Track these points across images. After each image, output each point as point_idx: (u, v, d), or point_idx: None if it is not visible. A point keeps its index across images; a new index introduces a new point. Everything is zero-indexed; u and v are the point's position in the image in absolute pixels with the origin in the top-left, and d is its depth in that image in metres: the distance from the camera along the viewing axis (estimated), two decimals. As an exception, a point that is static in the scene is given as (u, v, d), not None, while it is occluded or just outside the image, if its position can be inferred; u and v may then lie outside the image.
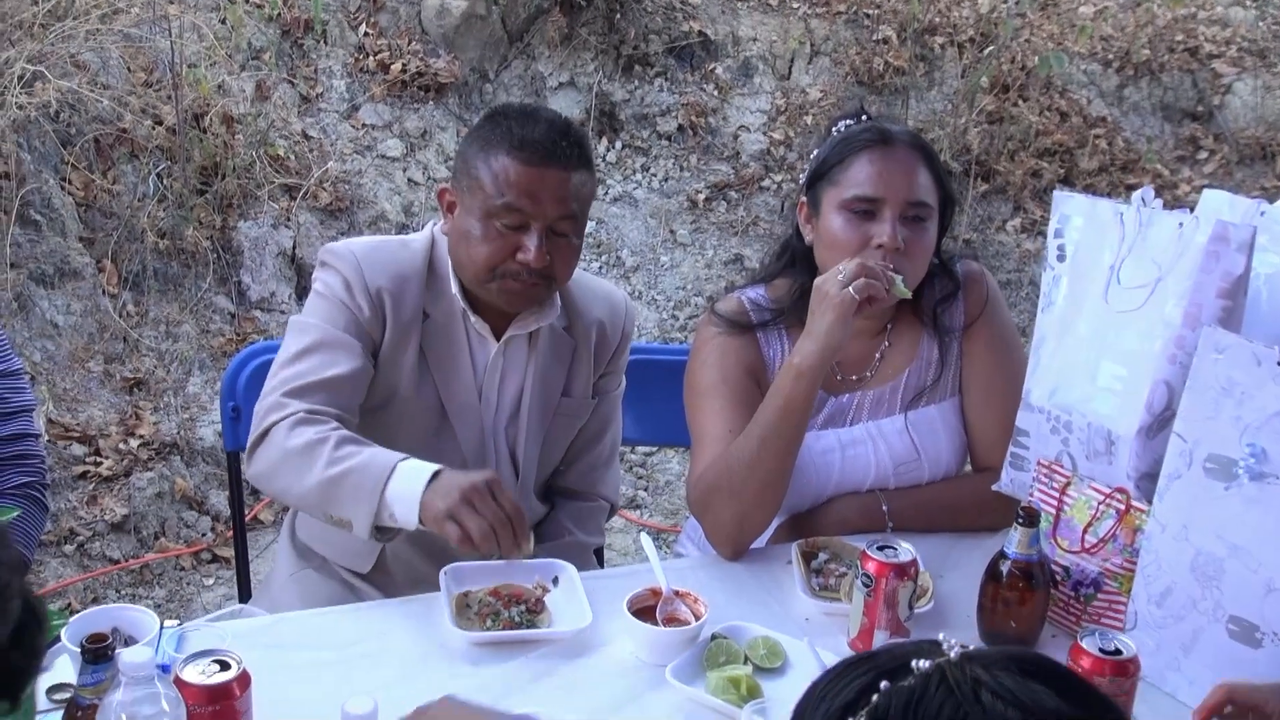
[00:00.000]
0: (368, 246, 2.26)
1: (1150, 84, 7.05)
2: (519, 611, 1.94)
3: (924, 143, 2.27)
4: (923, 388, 2.33)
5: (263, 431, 2.10)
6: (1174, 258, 1.88)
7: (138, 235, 4.90)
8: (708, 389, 2.28)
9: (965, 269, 2.38)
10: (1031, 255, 6.27)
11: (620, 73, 6.50)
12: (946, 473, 2.34)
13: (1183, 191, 6.49)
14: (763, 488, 2.13)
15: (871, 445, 2.30)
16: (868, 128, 2.24)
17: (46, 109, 4.81)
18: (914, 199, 2.18)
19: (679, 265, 5.98)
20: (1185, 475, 1.80)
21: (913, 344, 2.35)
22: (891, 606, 1.87)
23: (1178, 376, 1.86)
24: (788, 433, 2.11)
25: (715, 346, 2.31)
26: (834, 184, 2.22)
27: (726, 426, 2.21)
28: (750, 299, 2.37)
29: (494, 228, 2.12)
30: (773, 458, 2.11)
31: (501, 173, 2.11)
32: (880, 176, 2.17)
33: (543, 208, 2.11)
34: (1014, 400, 2.16)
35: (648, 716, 1.75)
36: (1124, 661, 1.67)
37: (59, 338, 4.54)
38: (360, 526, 1.97)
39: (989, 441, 2.30)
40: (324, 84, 5.98)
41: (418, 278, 2.24)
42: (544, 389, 2.33)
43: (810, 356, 2.07)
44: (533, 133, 2.12)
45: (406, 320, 2.22)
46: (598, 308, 2.40)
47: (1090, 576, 1.99)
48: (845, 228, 2.18)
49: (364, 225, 5.51)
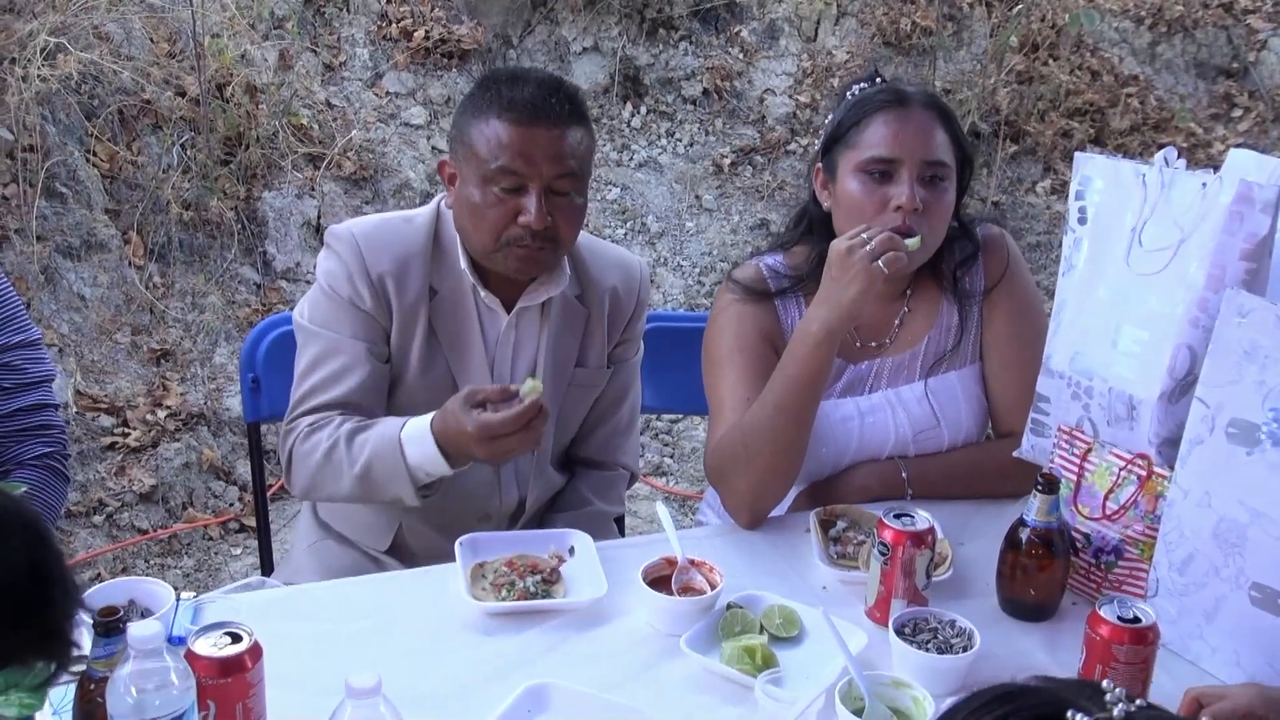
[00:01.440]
0: (370, 227, 2.25)
1: (1184, 41, 6.94)
2: (534, 582, 1.94)
3: (940, 102, 2.24)
4: (943, 353, 2.31)
5: (287, 457, 2.20)
6: (1197, 219, 1.84)
7: (162, 207, 4.91)
8: (725, 357, 2.27)
9: (985, 232, 2.35)
10: (1062, 217, 6.18)
11: (644, 36, 6.45)
12: (966, 439, 2.31)
13: (1216, 150, 6.39)
14: (779, 456, 2.11)
15: (891, 412, 2.28)
16: (883, 89, 2.22)
17: (69, 81, 4.82)
18: (931, 158, 2.15)
19: (704, 231, 5.95)
20: (1208, 441, 1.77)
21: (933, 309, 2.33)
22: (909, 575, 1.86)
23: (1200, 340, 1.83)
24: (803, 401, 2.09)
25: (733, 314, 2.29)
26: (850, 147, 2.20)
27: (743, 394, 2.19)
28: (769, 266, 2.35)
29: (492, 193, 2.10)
30: (788, 426, 2.09)
31: (494, 137, 2.09)
32: (896, 137, 2.15)
33: (538, 167, 2.09)
34: (1035, 365, 2.13)
35: (662, 686, 1.74)
36: (1143, 629, 1.64)
37: (86, 310, 4.56)
38: (409, 499, 2.09)
39: (1009, 407, 2.28)
40: (347, 52, 5.97)
41: (422, 256, 2.23)
42: (557, 360, 2.31)
43: (828, 324, 2.04)
44: (521, 93, 2.10)
45: (411, 301, 2.21)
46: (611, 274, 2.38)
47: (1111, 543, 1.96)
48: (863, 190, 2.16)
49: (388, 194, 5.50)
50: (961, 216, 2.31)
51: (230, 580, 3.83)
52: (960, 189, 2.26)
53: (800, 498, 2.30)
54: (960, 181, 2.25)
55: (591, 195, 5.94)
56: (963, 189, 2.27)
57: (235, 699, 1.49)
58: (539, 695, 1.67)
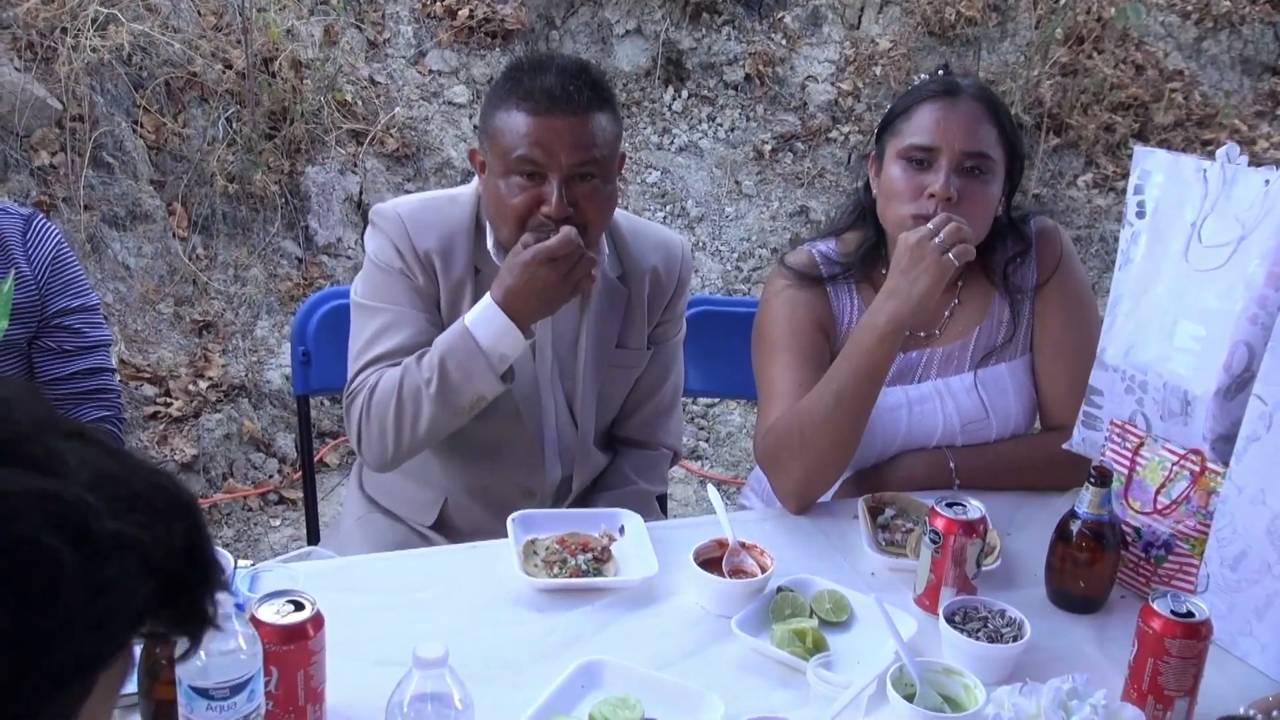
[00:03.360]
0: (415, 206, 2.27)
1: (1230, 36, 6.89)
2: (586, 560, 1.95)
3: (992, 96, 2.23)
4: (993, 347, 2.31)
5: (359, 417, 2.17)
6: (1259, 216, 1.84)
7: (207, 179, 4.94)
8: (777, 342, 2.27)
9: (1039, 225, 2.35)
10: (1103, 211, 6.17)
11: (687, 20, 6.44)
12: (1015, 432, 2.32)
13: (1261, 148, 6.34)
14: (834, 446, 2.12)
15: (939, 402, 2.28)
16: (936, 79, 2.23)
17: (119, 52, 4.86)
18: (971, 149, 2.15)
19: (744, 216, 5.94)
20: (1264, 438, 1.77)
21: (984, 302, 2.33)
22: (959, 564, 1.87)
23: (1259, 337, 1.82)
24: (865, 392, 2.09)
25: (785, 299, 2.30)
26: (896, 134, 2.21)
27: (795, 381, 2.20)
28: (820, 252, 2.35)
29: (515, 183, 2.12)
30: (847, 416, 2.09)
31: (514, 127, 2.11)
32: (938, 126, 2.16)
33: (556, 157, 2.09)
34: (1086, 359, 2.12)
35: (714, 667, 1.75)
36: (1197, 624, 1.65)
37: (130, 279, 4.60)
38: (491, 387, 2.11)
39: (1060, 400, 2.28)
40: (391, 29, 5.99)
41: (466, 234, 2.25)
42: (598, 340, 2.32)
43: (897, 316, 2.04)
44: (542, 82, 2.11)
45: (458, 278, 2.23)
46: (653, 255, 2.38)
47: (1161, 538, 1.96)
48: (901, 176, 2.17)
49: (430, 172, 5.53)
50: (1013, 213, 2.31)
51: (271, 551, 3.88)
52: (1011, 185, 2.26)
53: (846, 485, 2.30)
54: (1011, 178, 2.25)
55: (631, 178, 5.94)
56: (1013, 185, 2.27)
57: (297, 666, 1.52)
58: (592, 672, 1.68)
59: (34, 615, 0.69)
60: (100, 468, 0.75)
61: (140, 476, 0.78)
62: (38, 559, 0.69)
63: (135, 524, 0.74)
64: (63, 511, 0.70)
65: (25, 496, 0.70)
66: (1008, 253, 2.32)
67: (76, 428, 0.78)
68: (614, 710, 1.59)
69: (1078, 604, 1.94)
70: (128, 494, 0.75)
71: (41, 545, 0.69)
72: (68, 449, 0.75)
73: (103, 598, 0.73)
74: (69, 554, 0.70)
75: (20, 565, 0.68)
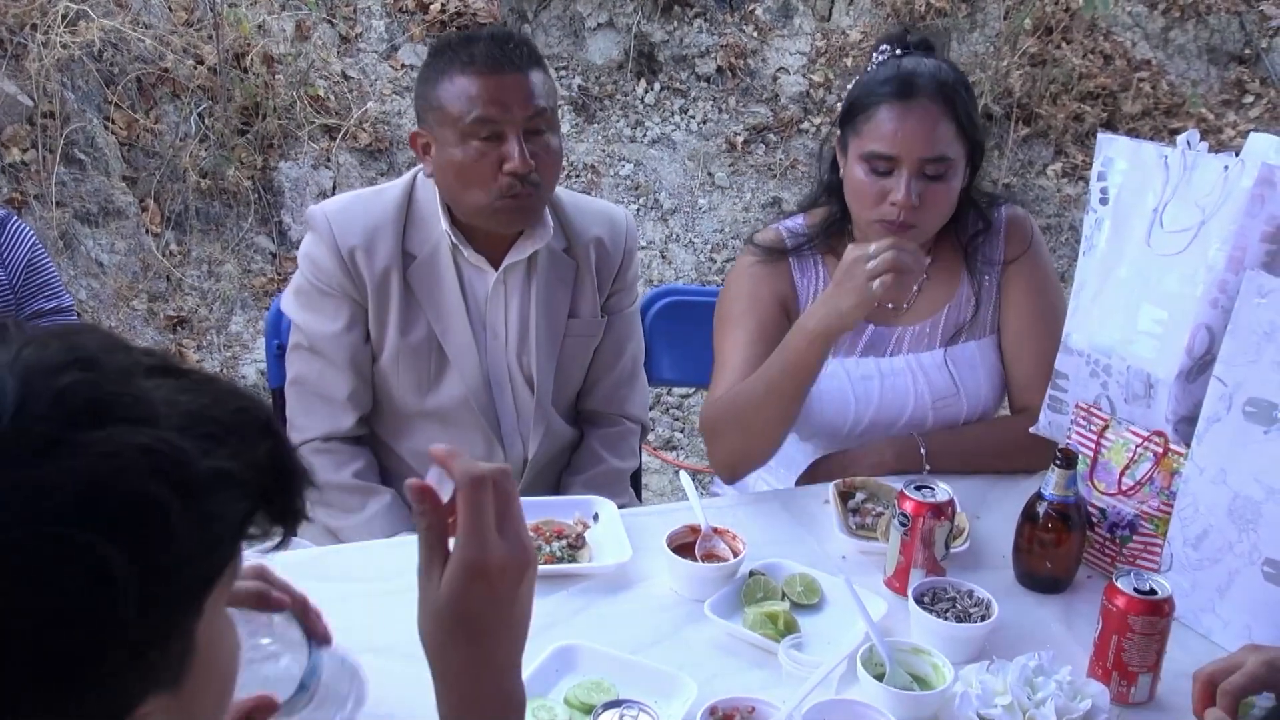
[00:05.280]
0: (341, 205, 2.34)
1: (1196, 26, 6.95)
2: (560, 546, 1.97)
3: (949, 89, 2.23)
4: (962, 324, 2.36)
5: None
6: (1218, 201, 1.87)
7: (180, 175, 4.93)
8: (735, 317, 2.34)
9: (1010, 211, 2.40)
10: (1072, 200, 6.22)
11: (659, 13, 6.46)
12: (985, 409, 2.37)
13: (1227, 136, 6.41)
14: (765, 428, 2.19)
15: (911, 377, 2.33)
16: (891, 76, 2.22)
17: (90, 48, 4.84)
18: (931, 155, 2.18)
19: (717, 208, 5.97)
20: (1225, 419, 1.80)
21: (952, 280, 2.38)
22: (928, 546, 1.89)
23: (1219, 320, 1.86)
24: (792, 387, 2.14)
25: (749, 275, 2.37)
26: (857, 134, 2.24)
27: (745, 357, 2.27)
28: (788, 228, 2.43)
29: (474, 147, 2.17)
30: (776, 406, 2.16)
31: (463, 92, 2.16)
32: (897, 135, 2.18)
33: (511, 111, 2.16)
34: (1052, 342, 2.17)
35: (687, 649, 1.77)
36: (1159, 601, 1.68)
37: (103, 276, 4.59)
38: None
39: (1026, 381, 2.32)
40: (363, 24, 5.98)
41: (393, 224, 2.30)
42: (549, 312, 2.38)
43: (824, 326, 2.08)
44: (478, 47, 2.18)
45: (383, 267, 2.28)
46: (595, 226, 2.45)
47: (1126, 518, 2.00)
48: (864, 182, 2.22)
49: (403, 166, 5.53)
50: (974, 194, 2.35)
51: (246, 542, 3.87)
52: (973, 169, 2.30)
53: (818, 469, 2.33)
54: (972, 162, 2.28)
55: (604, 171, 5.96)
56: (974, 169, 2.31)
57: (275, 653, 1.53)
58: (567, 656, 1.70)
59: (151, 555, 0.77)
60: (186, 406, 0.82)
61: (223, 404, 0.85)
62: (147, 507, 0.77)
63: (226, 456, 0.82)
64: (161, 462, 0.77)
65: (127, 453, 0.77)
66: (968, 231, 2.38)
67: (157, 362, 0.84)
68: (589, 693, 1.62)
69: (1044, 584, 1.97)
70: (216, 429, 0.82)
71: (149, 495, 0.77)
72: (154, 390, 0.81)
73: (208, 528, 0.80)
74: (173, 499, 0.77)
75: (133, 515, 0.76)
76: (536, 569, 1.14)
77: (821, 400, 2.30)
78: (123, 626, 0.76)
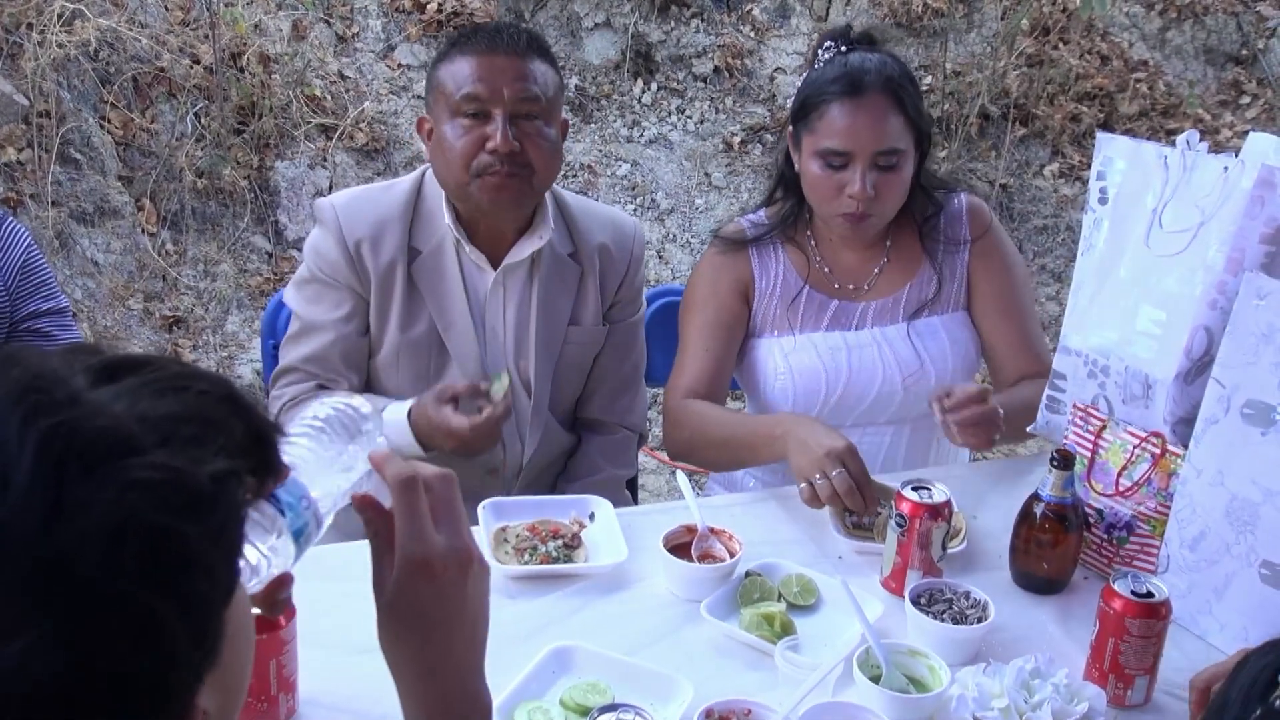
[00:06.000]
0: (349, 197, 2.35)
1: (1193, 27, 6.94)
2: (556, 546, 1.97)
3: (896, 83, 2.30)
4: (925, 300, 2.44)
5: None
6: (1218, 202, 1.87)
7: (176, 174, 4.92)
8: (697, 304, 2.45)
9: (969, 198, 2.51)
10: (1069, 200, 6.21)
11: (656, 13, 6.45)
12: (953, 381, 2.40)
13: (1224, 137, 6.41)
14: (717, 460, 2.44)
15: (877, 349, 2.41)
16: (840, 74, 2.29)
17: (86, 47, 4.83)
18: (883, 148, 2.27)
19: (713, 208, 5.96)
20: (1222, 420, 1.80)
21: (912, 260, 2.46)
22: (925, 547, 1.89)
23: (1218, 322, 1.85)
24: (743, 459, 2.33)
25: (711, 265, 2.48)
26: (810, 130, 2.32)
27: (704, 343, 2.41)
28: (750, 220, 2.52)
29: (460, 124, 2.20)
30: (724, 458, 2.38)
31: (457, 71, 2.20)
32: (849, 130, 2.26)
33: (499, 91, 2.17)
34: (1029, 313, 2.43)
35: (684, 650, 1.77)
36: (1156, 604, 1.67)
37: (99, 276, 4.58)
38: None
39: (1014, 351, 2.42)
40: (360, 23, 5.97)
41: (400, 218, 2.31)
42: (549, 317, 2.37)
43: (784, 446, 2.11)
44: (481, 31, 2.23)
45: (388, 261, 2.29)
46: (601, 232, 2.45)
47: (1123, 520, 1.99)
48: (820, 177, 2.31)
49: (399, 166, 5.52)
50: (924, 179, 2.42)
51: (242, 545, 3.86)
52: (921, 156, 2.37)
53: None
54: (921, 150, 2.36)
55: (601, 171, 5.96)
56: (923, 156, 2.38)
57: (270, 656, 1.53)
58: (564, 657, 1.70)
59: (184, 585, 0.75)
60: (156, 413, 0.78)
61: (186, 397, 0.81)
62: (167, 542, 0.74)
63: (215, 454, 0.79)
64: (164, 492, 0.75)
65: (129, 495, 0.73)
66: (923, 214, 2.46)
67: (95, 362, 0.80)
68: (585, 695, 1.61)
69: (1042, 585, 1.97)
70: (194, 429, 0.79)
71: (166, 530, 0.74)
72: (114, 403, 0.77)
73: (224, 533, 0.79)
74: (186, 523, 0.75)
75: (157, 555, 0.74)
76: (487, 571, 1.14)
77: (793, 376, 2.39)
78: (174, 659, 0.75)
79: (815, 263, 2.44)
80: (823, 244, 2.45)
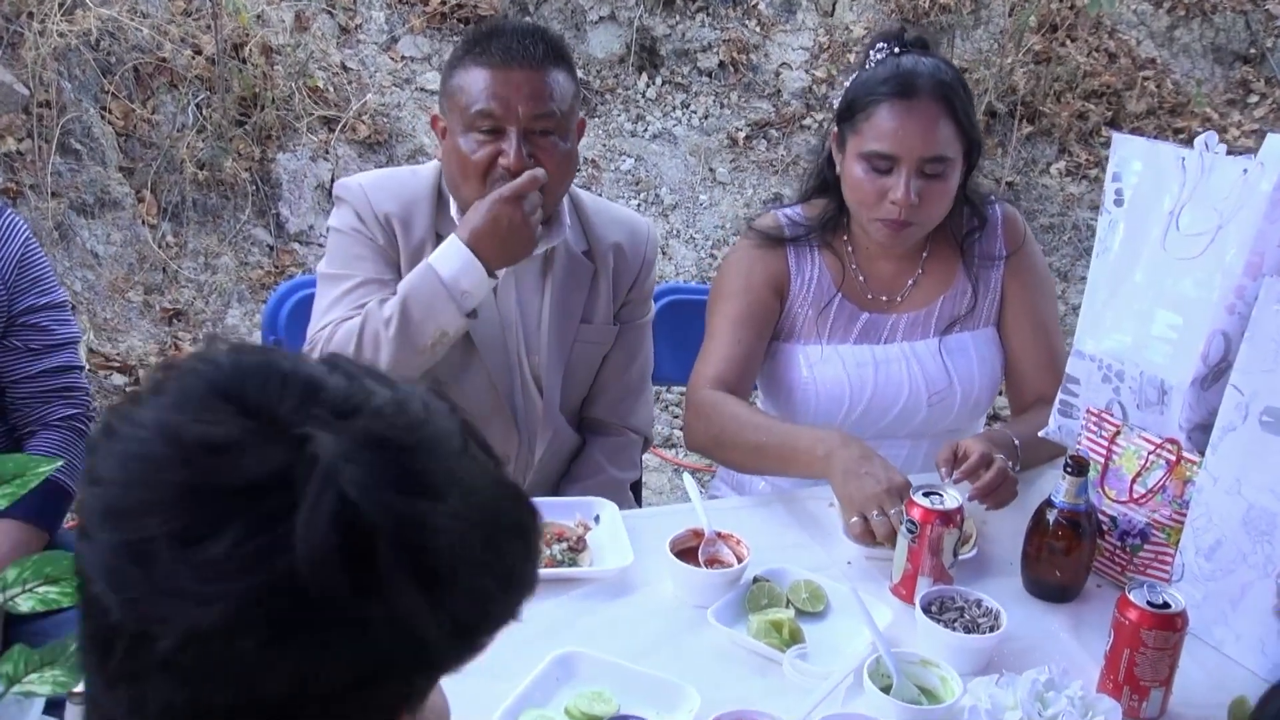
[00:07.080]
0: (376, 177, 2.32)
1: (1201, 25, 6.90)
2: (561, 550, 1.94)
3: (949, 89, 2.23)
4: (957, 316, 2.37)
5: None
6: (1237, 205, 1.83)
7: (177, 166, 4.89)
8: (729, 294, 2.36)
9: (1003, 209, 2.43)
10: (1075, 199, 6.18)
11: (661, 7, 6.41)
12: (978, 400, 2.37)
13: (1232, 136, 6.36)
14: (740, 463, 2.31)
15: (905, 365, 2.34)
16: (891, 75, 2.22)
17: (87, 37, 4.80)
18: (930, 155, 2.19)
19: (718, 204, 5.93)
20: (1240, 428, 1.77)
21: (948, 274, 2.39)
22: (936, 553, 1.86)
23: (1236, 327, 1.82)
24: (774, 469, 2.25)
25: (745, 257, 2.39)
26: (856, 131, 2.24)
27: (734, 335, 2.32)
28: (786, 215, 2.43)
29: (474, 139, 2.16)
30: (751, 464, 2.28)
31: (471, 83, 2.15)
32: (897, 134, 2.19)
33: (513, 109, 2.13)
34: (1055, 331, 2.35)
35: (690, 657, 1.74)
36: (1172, 615, 1.65)
37: (99, 267, 4.55)
38: (453, 320, 2.13)
39: (1039, 371, 2.35)
40: (363, 15, 5.94)
41: (427, 201, 2.28)
42: (562, 314, 2.34)
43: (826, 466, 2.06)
44: (498, 39, 2.16)
45: (418, 241, 2.25)
46: (615, 232, 2.42)
47: (1137, 527, 1.96)
48: (864, 180, 2.23)
49: (402, 158, 5.48)
50: (969, 192, 2.36)
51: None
52: (969, 167, 2.31)
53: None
54: (969, 161, 2.29)
55: (605, 166, 5.92)
56: (971, 166, 2.32)
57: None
58: (568, 664, 1.67)
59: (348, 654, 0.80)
60: None
61: None
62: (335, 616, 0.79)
63: None
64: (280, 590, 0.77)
65: None
66: (964, 227, 2.39)
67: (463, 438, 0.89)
68: (589, 704, 1.59)
69: (1054, 593, 1.94)
70: None
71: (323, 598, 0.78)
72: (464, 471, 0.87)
73: None
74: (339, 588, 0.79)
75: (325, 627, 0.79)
76: None
77: (817, 386, 2.33)
78: None
79: (850, 270, 2.36)
80: (859, 251, 2.37)
